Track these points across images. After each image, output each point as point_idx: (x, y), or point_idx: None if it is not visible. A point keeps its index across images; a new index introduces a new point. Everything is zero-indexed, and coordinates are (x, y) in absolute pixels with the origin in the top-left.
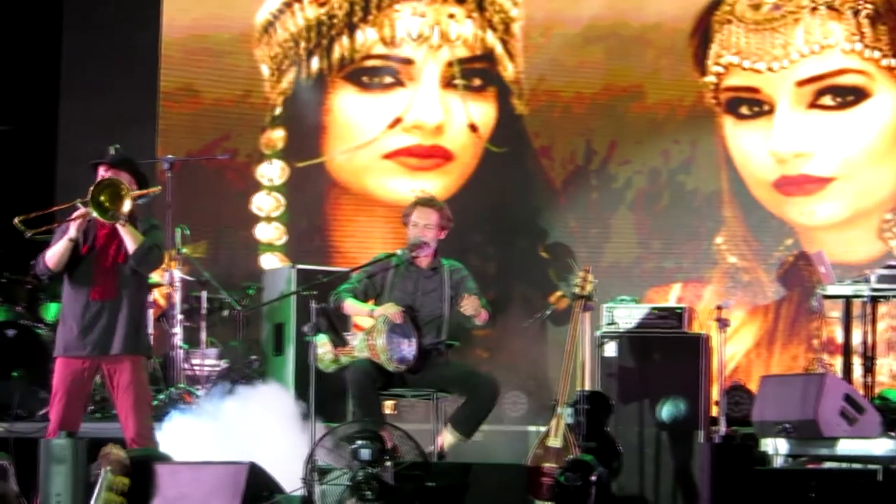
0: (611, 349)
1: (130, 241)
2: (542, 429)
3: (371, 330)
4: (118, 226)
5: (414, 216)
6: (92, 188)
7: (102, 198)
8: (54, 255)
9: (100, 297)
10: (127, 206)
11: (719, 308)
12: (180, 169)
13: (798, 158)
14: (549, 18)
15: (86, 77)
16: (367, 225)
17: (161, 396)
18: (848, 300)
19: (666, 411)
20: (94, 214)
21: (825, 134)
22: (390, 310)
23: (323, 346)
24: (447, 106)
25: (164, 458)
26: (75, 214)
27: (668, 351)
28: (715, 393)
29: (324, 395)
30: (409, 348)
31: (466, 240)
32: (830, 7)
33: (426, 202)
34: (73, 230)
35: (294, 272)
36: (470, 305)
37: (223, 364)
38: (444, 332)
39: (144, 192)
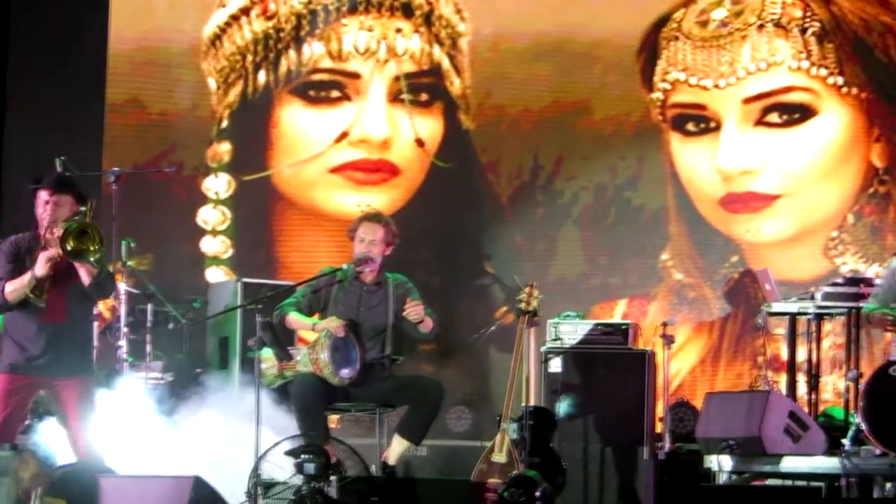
0: (556, 365)
1: (86, 273)
2: (487, 444)
3: (314, 344)
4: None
5: (360, 231)
6: (62, 236)
7: (71, 243)
8: (15, 291)
9: (50, 320)
10: (96, 247)
11: (664, 324)
12: (126, 181)
13: (744, 176)
14: (496, 33)
15: (32, 88)
16: (312, 239)
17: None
18: (793, 317)
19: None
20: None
21: (771, 151)
22: (332, 324)
23: (267, 360)
24: (394, 120)
25: (109, 472)
26: (47, 256)
27: (613, 367)
28: (660, 409)
29: None
30: (352, 362)
31: (412, 254)
32: (777, 24)
33: (372, 218)
34: (43, 269)
35: (239, 286)
36: (414, 311)
37: (168, 377)
38: (389, 346)
39: (88, 208)
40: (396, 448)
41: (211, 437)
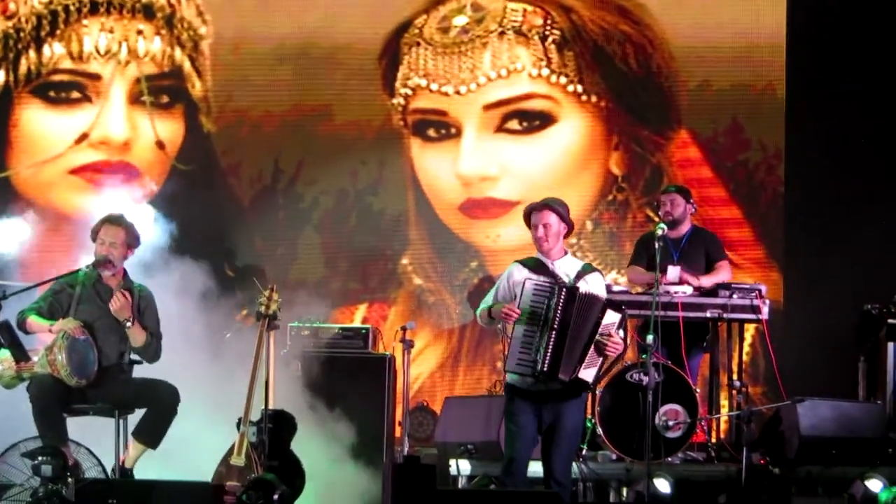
0: (296, 368)
1: None
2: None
3: (52, 345)
4: None
5: (101, 233)
6: None
7: None
8: None
9: None
10: None
11: (404, 329)
12: None
13: (484, 182)
14: (238, 36)
15: None
16: (52, 240)
17: None
18: None
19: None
20: None
21: (511, 158)
22: (69, 325)
23: (4, 361)
24: (134, 122)
25: None
26: None
27: (353, 371)
28: (399, 413)
29: None
30: (89, 364)
31: (151, 257)
32: (518, 32)
33: (114, 220)
34: None
35: None
36: (118, 304)
37: None
38: (128, 348)
39: None
40: (133, 452)
41: None
